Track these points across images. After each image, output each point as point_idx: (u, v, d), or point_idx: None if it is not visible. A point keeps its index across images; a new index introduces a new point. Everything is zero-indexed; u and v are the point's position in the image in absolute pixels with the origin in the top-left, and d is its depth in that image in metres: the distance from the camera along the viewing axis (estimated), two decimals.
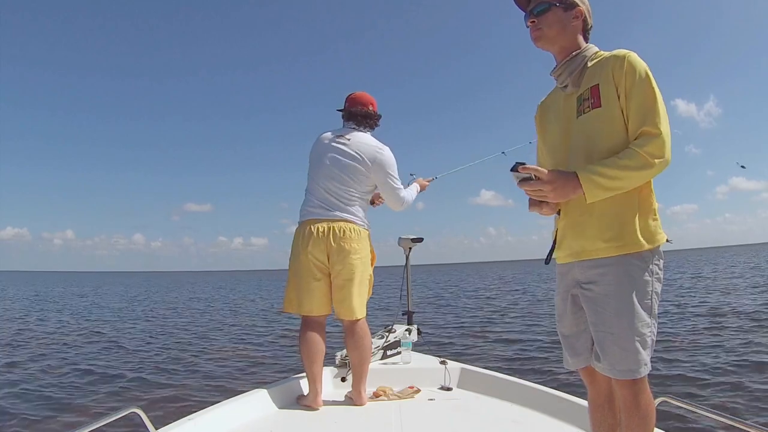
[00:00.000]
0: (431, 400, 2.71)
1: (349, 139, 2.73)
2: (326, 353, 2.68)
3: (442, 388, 2.87)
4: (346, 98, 2.86)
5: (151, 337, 10.25)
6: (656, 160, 1.34)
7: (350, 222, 2.64)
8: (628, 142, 1.40)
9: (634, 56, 1.42)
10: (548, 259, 1.64)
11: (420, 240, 3.64)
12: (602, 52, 1.53)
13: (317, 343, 2.60)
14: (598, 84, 1.45)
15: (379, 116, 2.84)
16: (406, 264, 3.63)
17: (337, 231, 2.60)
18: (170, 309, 18.00)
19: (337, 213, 2.63)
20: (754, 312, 9.82)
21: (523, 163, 1.42)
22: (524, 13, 1.58)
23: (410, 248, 3.63)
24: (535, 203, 1.54)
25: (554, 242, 1.60)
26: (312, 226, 2.61)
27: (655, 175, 1.37)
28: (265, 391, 2.60)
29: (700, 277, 22.85)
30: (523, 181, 1.41)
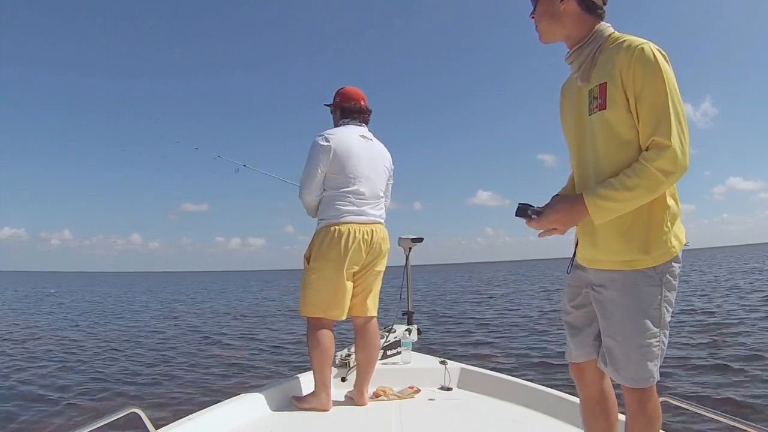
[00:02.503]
0: (431, 400, 2.70)
1: (371, 139, 2.69)
2: None
3: (442, 388, 2.86)
4: (336, 93, 2.75)
5: (150, 337, 10.24)
6: (667, 176, 1.24)
7: (383, 223, 2.67)
8: (634, 148, 1.31)
9: (646, 50, 1.26)
10: (569, 269, 1.57)
11: (420, 240, 3.64)
12: (617, 35, 1.37)
13: (332, 347, 2.55)
14: (606, 83, 1.32)
15: (371, 111, 2.74)
16: (406, 264, 3.62)
17: (379, 233, 2.61)
18: (170, 308, 17.99)
19: (377, 215, 2.62)
20: (753, 312, 9.83)
21: (527, 205, 1.44)
22: None
23: (410, 248, 3.63)
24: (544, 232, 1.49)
25: (575, 251, 1.55)
26: (355, 229, 2.51)
27: (669, 186, 1.29)
28: (266, 391, 2.60)
29: (694, 279, 22.82)
30: (530, 222, 1.43)
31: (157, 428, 1.95)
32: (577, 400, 2.32)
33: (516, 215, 1.45)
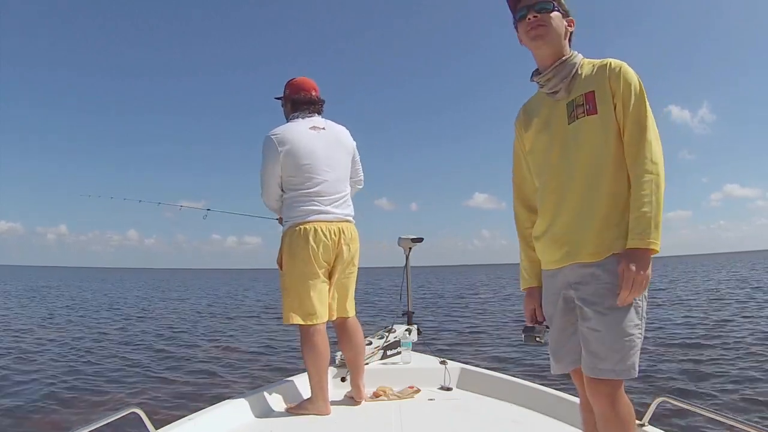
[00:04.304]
0: (431, 400, 2.71)
1: (323, 128, 2.58)
2: None
3: (442, 388, 2.87)
4: (287, 84, 2.66)
5: (150, 336, 10.23)
6: (659, 170, 1.37)
7: (352, 222, 2.62)
8: (617, 144, 1.42)
9: (628, 68, 1.44)
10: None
11: (420, 240, 3.64)
12: (590, 60, 1.52)
13: (327, 351, 2.50)
14: (594, 91, 1.44)
15: (323, 101, 2.66)
16: (406, 264, 3.62)
17: (348, 232, 2.55)
18: (169, 308, 17.97)
19: (344, 213, 2.56)
20: (749, 313, 9.85)
21: (531, 328, 1.61)
22: (517, 12, 1.54)
23: (410, 248, 3.63)
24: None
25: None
26: (322, 227, 2.46)
27: (662, 165, 1.39)
28: (266, 391, 2.60)
29: (689, 283, 22.83)
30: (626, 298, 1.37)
31: (157, 428, 1.95)
32: (577, 400, 2.34)
33: (525, 342, 1.62)
